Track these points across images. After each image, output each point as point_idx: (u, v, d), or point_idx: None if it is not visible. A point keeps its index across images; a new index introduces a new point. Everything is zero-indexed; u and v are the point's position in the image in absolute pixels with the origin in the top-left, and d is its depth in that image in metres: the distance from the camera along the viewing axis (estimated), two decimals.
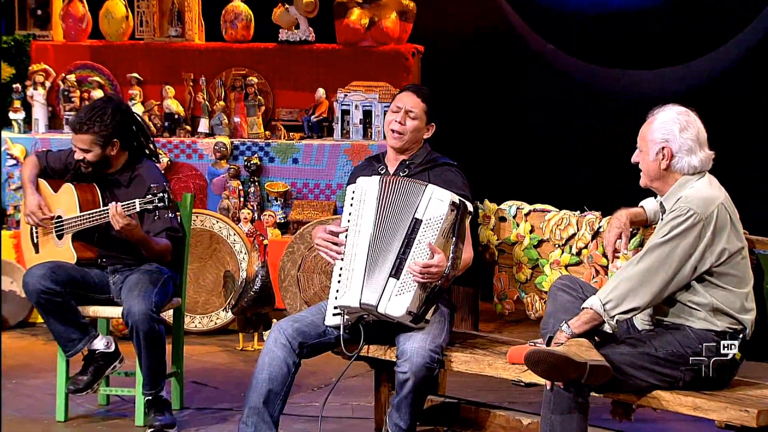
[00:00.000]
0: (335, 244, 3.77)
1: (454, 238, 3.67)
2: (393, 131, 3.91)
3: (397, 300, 3.63)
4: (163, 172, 4.99)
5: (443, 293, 3.75)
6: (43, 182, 4.43)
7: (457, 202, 3.68)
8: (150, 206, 4.10)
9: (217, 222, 6.02)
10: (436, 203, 3.68)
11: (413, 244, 3.66)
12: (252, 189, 6.27)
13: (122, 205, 4.10)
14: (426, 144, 4.02)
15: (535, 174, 6.88)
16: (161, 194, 4.08)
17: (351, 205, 3.80)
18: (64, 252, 4.33)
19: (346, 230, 3.77)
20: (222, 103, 6.47)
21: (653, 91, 6.46)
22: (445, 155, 4.02)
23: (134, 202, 4.10)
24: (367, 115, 6.22)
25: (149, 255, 4.27)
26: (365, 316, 3.73)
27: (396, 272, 3.65)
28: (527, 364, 3.38)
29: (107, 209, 4.14)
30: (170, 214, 4.20)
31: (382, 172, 3.94)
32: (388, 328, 3.76)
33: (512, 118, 6.93)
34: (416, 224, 3.67)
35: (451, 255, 3.64)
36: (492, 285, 4.16)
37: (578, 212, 3.97)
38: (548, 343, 3.46)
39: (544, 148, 6.91)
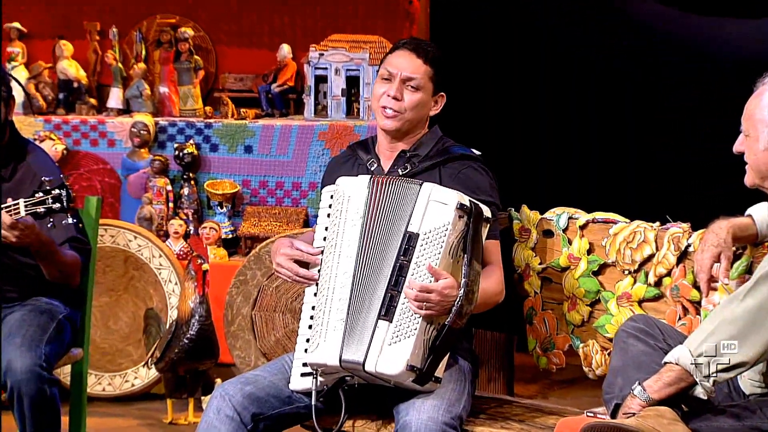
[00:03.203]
0: (302, 275, 3.77)
1: (466, 256, 3.66)
2: (385, 109, 3.90)
3: (391, 351, 3.62)
4: (57, 163, 4.97)
5: (458, 337, 3.73)
6: None
7: (467, 204, 3.68)
8: (41, 208, 4.07)
9: (136, 238, 6.00)
10: (436, 208, 3.67)
11: (408, 270, 3.65)
12: (186, 190, 6.26)
13: (3, 208, 4.08)
14: (436, 127, 4.01)
15: (592, 169, 6.88)
16: (57, 191, 4.06)
17: (328, 215, 3.79)
18: None
19: (321, 252, 3.77)
20: (142, 65, 6.46)
21: (763, 49, 6.47)
22: (461, 143, 4.00)
23: (17, 203, 4.08)
24: (353, 83, 6.22)
25: (55, 272, 4.26)
26: (348, 377, 3.72)
27: (387, 311, 3.65)
28: None
29: None
30: (71, 219, 4.18)
31: (372, 168, 3.94)
32: (381, 393, 3.74)
33: (560, 88, 6.92)
34: (410, 240, 3.67)
35: (462, 280, 3.64)
36: (532, 328, 4.15)
37: (657, 224, 3.97)
38: (614, 414, 3.45)
39: (606, 131, 6.90)
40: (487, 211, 3.74)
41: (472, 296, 3.66)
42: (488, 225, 3.75)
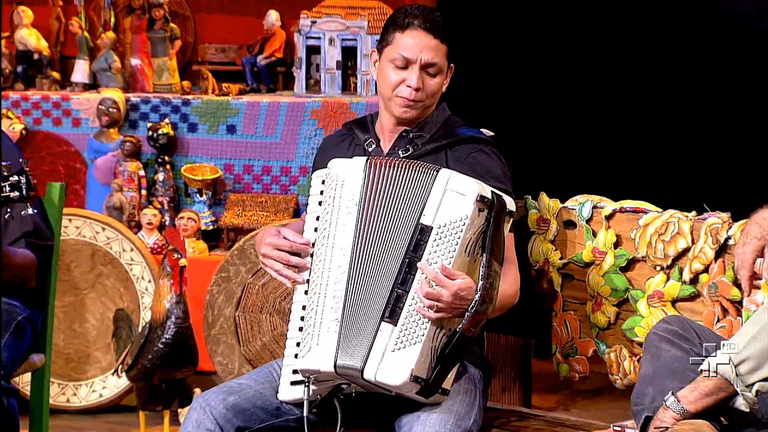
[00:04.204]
0: (294, 264, 3.77)
1: (485, 256, 3.65)
2: (405, 100, 3.89)
3: (394, 359, 3.62)
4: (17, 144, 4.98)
5: (471, 345, 3.74)
6: None
7: (488, 196, 3.67)
8: None
9: (104, 229, 6.00)
10: (453, 199, 3.66)
11: (417, 268, 3.64)
12: (161, 176, 6.26)
13: None
14: (443, 105, 4.02)
15: (618, 151, 6.88)
16: (16, 177, 4.05)
17: (320, 203, 3.79)
18: None
19: (313, 244, 3.77)
20: (111, 34, 6.46)
21: None
22: (467, 123, 4.01)
23: None
24: (349, 54, 6.21)
25: (4, 275, 4.25)
26: (344, 385, 3.72)
27: (391, 313, 3.64)
28: None
29: None
30: (31, 210, 4.17)
31: (370, 150, 3.94)
32: (381, 403, 3.75)
33: (578, 59, 6.92)
34: (422, 234, 3.66)
35: (480, 282, 3.63)
36: (552, 332, 4.16)
37: (693, 213, 3.97)
38: (644, 428, 3.45)
39: (632, 109, 6.92)
40: (510, 204, 3.72)
41: (489, 300, 3.65)
42: (511, 219, 3.75)
